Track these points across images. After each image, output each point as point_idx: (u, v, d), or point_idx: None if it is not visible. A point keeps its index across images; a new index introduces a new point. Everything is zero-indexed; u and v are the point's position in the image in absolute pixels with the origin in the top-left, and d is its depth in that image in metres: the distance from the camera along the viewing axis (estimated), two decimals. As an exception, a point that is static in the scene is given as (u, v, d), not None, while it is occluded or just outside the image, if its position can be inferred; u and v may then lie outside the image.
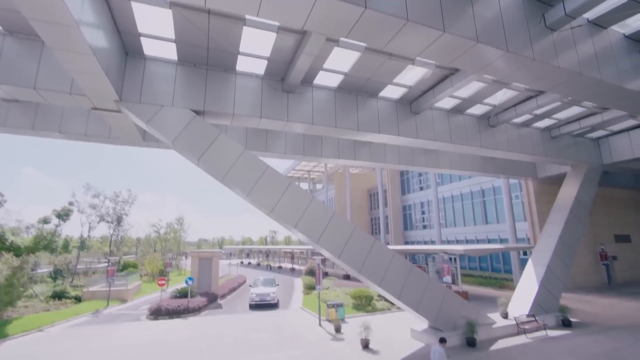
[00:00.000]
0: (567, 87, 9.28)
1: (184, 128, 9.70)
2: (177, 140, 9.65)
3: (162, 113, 9.66)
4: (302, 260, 52.78)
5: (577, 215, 16.94)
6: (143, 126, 10.01)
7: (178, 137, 9.65)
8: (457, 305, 12.49)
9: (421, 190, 39.21)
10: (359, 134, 12.61)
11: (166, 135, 9.67)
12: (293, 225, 10.46)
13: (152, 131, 9.84)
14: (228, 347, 12.20)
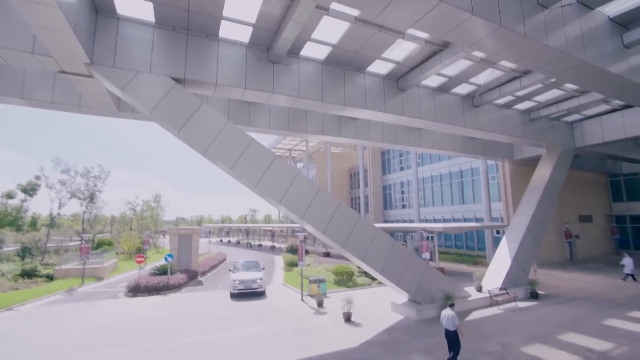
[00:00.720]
0: (553, 67, 9.36)
1: (163, 96, 9.11)
2: (156, 109, 9.07)
3: (139, 80, 8.99)
4: (283, 238, 53.06)
5: (549, 195, 17.73)
6: (118, 93, 9.33)
7: (157, 106, 9.06)
8: (436, 280, 12.96)
9: (401, 171, 39.81)
10: (345, 109, 12.36)
11: (144, 104, 9.06)
12: (278, 201, 10.29)
13: (128, 99, 9.19)
14: (211, 322, 12.18)
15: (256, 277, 16.41)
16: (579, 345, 9.33)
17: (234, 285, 15.99)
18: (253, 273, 16.94)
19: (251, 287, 16.09)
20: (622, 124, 17.59)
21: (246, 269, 17.54)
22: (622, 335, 10.05)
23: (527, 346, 9.26)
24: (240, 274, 16.83)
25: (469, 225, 21.68)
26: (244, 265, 17.97)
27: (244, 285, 16.01)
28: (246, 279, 16.24)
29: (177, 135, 9.59)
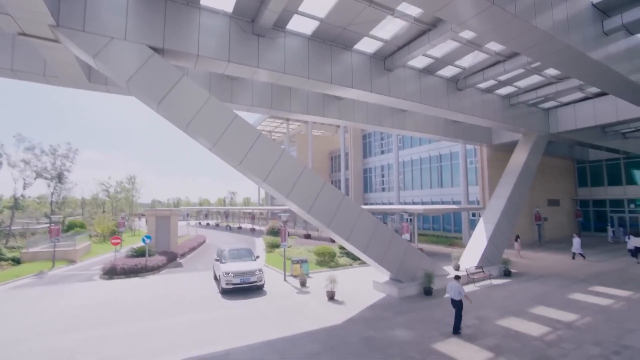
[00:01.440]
0: (539, 49, 9.47)
1: (140, 66, 8.50)
2: (132, 80, 8.46)
3: (113, 47, 8.32)
4: (263, 221, 52.84)
5: (524, 179, 18.44)
6: (89, 62, 8.62)
7: (134, 77, 8.46)
8: (417, 259, 13.31)
9: (382, 154, 40.16)
10: (331, 87, 12.10)
11: (119, 74, 8.42)
12: (262, 179, 10.05)
13: (101, 68, 8.52)
14: (193, 303, 12.01)
15: (254, 268, 13.34)
16: (547, 317, 9.92)
17: (227, 280, 12.75)
18: (248, 263, 13.92)
19: (249, 280, 12.95)
20: (593, 112, 18.35)
21: (237, 258, 14.36)
22: (585, 307, 10.78)
23: (502, 319, 9.75)
24: (233, 264, 13.58)
25: (447, 207, 22.35)
26: (233, 254, 14.70)
27: (240, 278, 12.84)
28: (242, 270, 13.09)
29: (156, 109, 9.06)
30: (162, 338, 8.78)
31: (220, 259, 14.27)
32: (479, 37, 11.88)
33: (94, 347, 8.19)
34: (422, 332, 8.89)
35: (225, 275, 12.90)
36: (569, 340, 8.20)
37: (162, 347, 8.17)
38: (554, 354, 7.50)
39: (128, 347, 8.23)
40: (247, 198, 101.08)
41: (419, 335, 8.64)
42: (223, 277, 12.93)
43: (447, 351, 7.67)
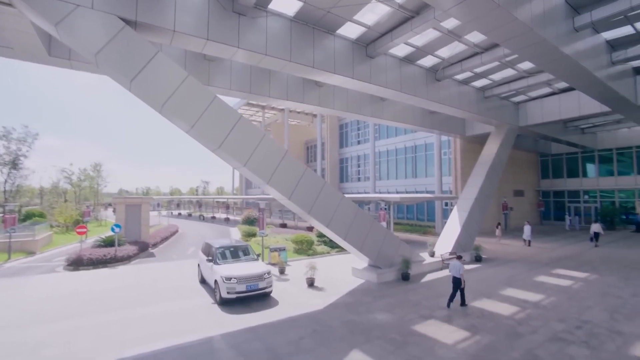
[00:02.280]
0: (517, 41, 9.73)
1: (110, 39, 7.84)
2: (102, 54, 7.80)
3: (78, 15, 7.61)
4: (237, 210, 51.94)
5: (495, 170, 19.24)
6: (50, 31, 7.85)
7: (103, 50, 7.80)
8: (395, 245, 13.58)
9: (359, 144, 40.48)
10: (313, 71, 11.87)
11: (86, 46, 7.73)
12: (243, 164, 9.74)
13: (64, 38, 7.77)
14: (166, 292, 11.59)
15: (262, 271, 10.44)
16: (516, 298, 10.50)
17: (229, 287, 9.81)
18: (252, 264, 11.01)
19: (257, 287, 10.14)
20: (558, 107, 19.37)
21: (235, 257, 11.46)
22: (549, 288, 11.51)
23: (476, 301, 10.18)
24: (233, 266, 10.68)
25: (422, 196, 22.95)
26: (229, 251, 11.61)
27: (246, 285, 9.96)
28: (248, 274, 10.14)
29: (129, 87, 8.45)
30: (137, 328, 8.40)
31: (212, 259, 11.14)
32: (459, 28, 12.05)
33: (62, 340, 7.69)
34: (401, 315, 9.10)
35: (226, 281, 9.85)
36: (536, 319, 8.71)
37: (138, 337, 7.81)
38: (524, 331, 7.94)
39: (99, 338, 7.79)
40: (221, 187, 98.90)
41: (398, 318, 8.84)
42: (223, 284, 9.84)
43: (427, 332, 7.90)
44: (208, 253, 11.91)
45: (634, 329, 8.03)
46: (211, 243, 12.30)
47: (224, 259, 11.28)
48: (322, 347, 7.20)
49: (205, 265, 11.88)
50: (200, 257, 12.83)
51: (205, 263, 11.69)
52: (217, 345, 7.35)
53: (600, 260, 16.24)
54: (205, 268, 11.85)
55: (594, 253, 18.09)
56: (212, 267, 10.95)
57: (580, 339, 7.48)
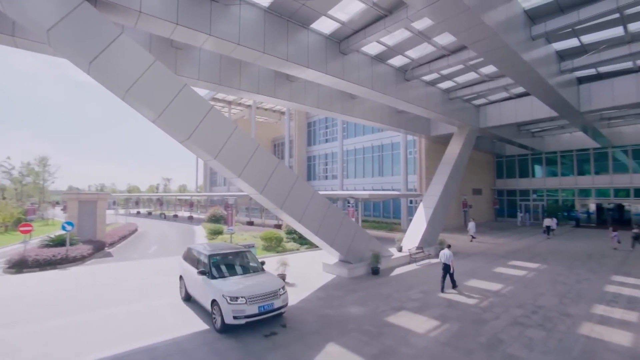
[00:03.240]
0: (482, 44, 10.26)
1: (67, 14, 7.13)
2: (55, 30, 7.08)
3: (29, -14, 6.85)
4: (202, 208, 50.09)
5: (458, 168, 20.21)
6: (-6, 2, 6.99)
7: (57, 26, 7.08)
8: (366, 240, 13.81)
9: (327, 142, 40.74)
10: (287, 64, 11.70)
11: (36, 20, 6.97)
12: (213, 156, 9.36)
13: (9, 10, 6.95)
14: (125, 293, 10.84)
15: (276, 287, 8.12)
16: (479, 287, 11.11)
17: (237, 310, 7.37)
18: (259, 277, 8.65)
19: (273, 307, 7.82)
20: (514, 110, 20.81)
21: (234, 268, 9.01)
22: (507, 278, 12.32)
23: (443, 292, 10.62)
24: (236, 280, 8.30)
25: (390, 193, 23.60)
26: (222, 262, 9.01)
27: (258, 305, 7.58)
28: (260, 292, 7.78)
29: (87, 70, 7.76)
30: (101, 328, 7.76)
31: (205, 270, 8.49)
32: (429, 29, 12.49)
33: (4, 350, 6.89)
34: (374, 307, 9.26)
35: (232, 302, 7.39)
36: (498, 306, 9.28)
37: (99, 341, 7.21)
38: (488, 317, 8.42)
39: (50, 345, 7.08)
40: (183, 185, 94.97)
41: (371, 311, 8.98)
42: (227, 307, 7.36)
43: (400, 323, 8.10)
44: (196, 262, 9.23)
45: (579, 311, 8.83)
46: (199, 249, 9.70)
47: (222, 271, 8.72)
48: (297, 342, 7.11)
49: (192, 279, 9.05)
50: (183, 266, 10.04)
51: (194, 276, 8.85)
52: (188, 345, 7.00)
53: (548, 252, 17.70)
54: (194, 283, 9.00)
55: (543, 246, 19.67)
56: (205, 282, 8.29)
57: (536, 322, 8.07)
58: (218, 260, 9.00)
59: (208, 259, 8.79)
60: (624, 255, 16.78)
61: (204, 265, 8.75)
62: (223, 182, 57.05)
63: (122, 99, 8.30)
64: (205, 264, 8.75)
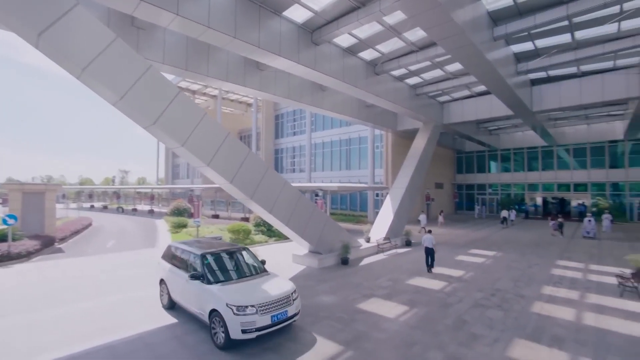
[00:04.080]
0: (450, 42, 10.68)
1: (11, -21, 6.37)
2: (-3, -4, 6.30)
3: (-35, -57, 6.01)
4: (164, 202, 47.78)
5: (423, 162, 21.01)
6: None
7: (0, -9, 6.30)
8: (335, 231, 13.96)
9: (294, 135, 40.50)
10: (258, 51, 11.38)
11: (-26, -16, 6.16)
12: (181, 143, 8.91)
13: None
14: (79, 290, 10.09)
15: (288, 290, 6.95)
16: (443, 274, 11.70)
17: (246, 322, 6.12)
18: (265, 280, 7.38)
19: (287, 315, 6.65)
20: (475, 108, 21.97)
21: (234, 270, 7.68)
22: (468, 265, 13.09)
23: (410, 279, 11.06)
24: (241, 286, 6.92)
25: (358, 185, 24.04)
26: (218, 263, 7.63)
27: (270, 315, 6.39)
28: (272, 298, 6.57)
29: (36, 43, 7.00)
30: (47, 331, 7.13)
31: (200, 274, 7.08)
32: (400, 24, 12.72)
33: (-61, 352, 6.14)
34: (345, 296, 9.40)
35: (240, 312, 6.14)
36: (461, 290, 9.83)
37: (51, 340, 6.64)
38: (453, 300, 8.90)
39: (-4, 345, 6.42)
40: (142, 178, 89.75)
41: (343, 299, 9.11)
42: (234, 318, 6.10)
43: (371, 309, 8.31)
44: (184, 264, 7.82)
45: (531, 292, 9.62)
46: (185, 247, 8.17)
47: (220, 274, 7.29)
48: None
49: (180, 284, 7.63)
50: (164, 268, 8.53)
51: (182, 281, 7.43)
52: (154, 339, 6.66)
53: (503, 241, 19.05)
54: (183, 289, 7.53)
55: (498, 236, 21.12)
56: (200, 288, 6.91)
57: (495, 304, 8.67)
58: (213, 261, 7.56)
59: (201, 260, 7.34)
60: (565, 242, 18.49)
61: (196, 268, 7.32)
62: (186, 175, 54.83)
63: (78, 78, 7.63)
64: (197, 266, 7.33)
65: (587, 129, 31.48)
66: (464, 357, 5.92)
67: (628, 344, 6.47)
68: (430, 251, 12.14)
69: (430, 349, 6.25)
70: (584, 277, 11.38)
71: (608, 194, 30.67)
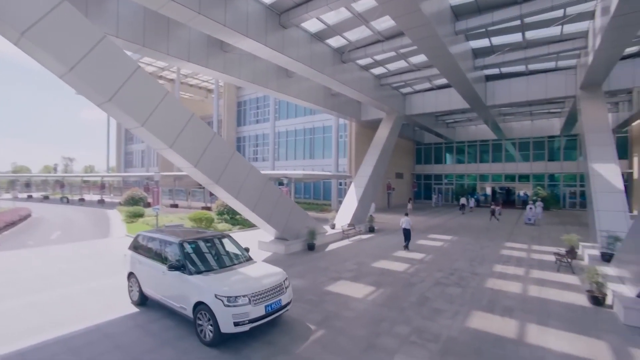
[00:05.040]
0: (417, 32, 10.95)
1: None
2: None
3: None
4: (116, 191, 44.53)
5: (386, 152, 21.64)
6: None
7: None
8: (301, 217, 13.99)
9: (257, 124, 39.67)
10: (224, 30, 10.86)
11: None
12: (140, 123, 8.31)
13: None
14: (30, 282, 9.19)
15: (279, 279, 6.52)
16: (406, 257, 12.26)
17: (239, 314, 5.60)
18: (254, 268, 6.94)
19: (280, 305, 6.24)
20: (435, 101, 22.96)
21: (217, 258, 7.12)
22: (428, 249, 13.84)
23: (375, 262, 11.45)
24: (227, 275, 6.37)
25: (323, 173, 24.23)
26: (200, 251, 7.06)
27: (264, 305, 5.92)
28: (264, 286, 6.09)
29: (-37, 0, 6.07)
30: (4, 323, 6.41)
31: (179, 264, 6.41)
32: (368, 13, 12.81)
33: None
34: (313, 279, 9.51)
35: (231, 303, 5.63)
36: (422, 271, 10.38)
37: None
38: (416, 280, 9.38)
39: None
40: (90, 166, 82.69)
41: (311, 282, 9.21)
42: (225, 310, 5.59)
43: (339, 291, 8.50)
44: (159, 254, 7.07)
45: (484, 270, 10.43)
46: (159, 235, 7.44)
47: (203, 264, 6.69)
48: (240, 315, 6.91)
49: (155, 277, 6.93)
50: (132, 259, 7.72)
51: (158, 273, 6.76)
52: (114, 330, 6.26)
53: (459, 226, 20.37)
54: (159, 281, 6.81)
55: (454, 222, 22.52)
56: (181, 280, 6.29)
57: (454, 281, 9.29)
58: (194, 249, 6.94)
59: (180, 249, 6.63)
60: (511, 227, 20.23)
61: (176, 258, 6.62)
62: (140, 163, 51.53)
63: (16, 44, 6.76)
64: (177, 256, 6.62)
65: (531, 124, 34.38)
66: (428, 329, 6.29)
67: (565, 310, 7.29)
68: (407, 232, 13.68)
69: (397, 324, 6.55)
70: (528, 256, 12.57)
71: (546, 185, 33.93)
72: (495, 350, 5.55)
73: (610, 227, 11.76)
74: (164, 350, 5.56)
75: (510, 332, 6.20)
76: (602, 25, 11.38)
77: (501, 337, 6.01)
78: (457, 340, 5.91)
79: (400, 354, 5.41)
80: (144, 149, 50.79)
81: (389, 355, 5.39)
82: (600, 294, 7.61)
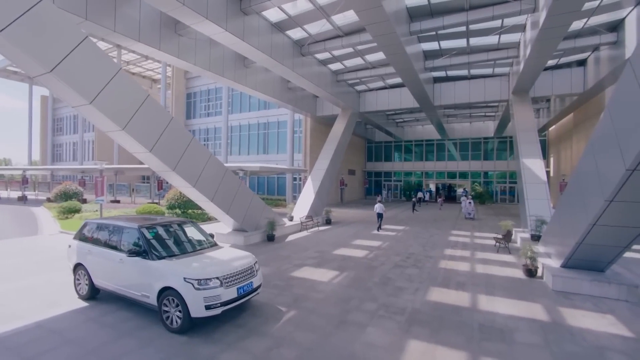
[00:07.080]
0: (376, 28, 11.41)
1: None
2: None
3: None
4: (42, 187, 39.37)
5: (341, 146, 22.13)
6: None
7: None
8: (261, 209, 13.79)
9: (208, 117, 38.00)
10: (183, 10, 10.27)
11: None
12: (89, 100, 7.46)
13: None
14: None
15: (249, 262, 6.38)
16: (364, 245, 12.75)
17: (210, 296, 5.39)
18: (222, 252, 6.75)
19: (252, 287, 6.14)
20: (387, 99, 24.09)
21: (181, 244, 6.73)
22: (384, 237, 14.52)
23: (336, 250, 11.73)
24: (195, 259, 6.09)
25: (280, 167, 24.05)
26: (163, 236, 6.66)
27: (236, 287, 5.76)
28: (235, 268, 5.93)
29: None
30: None
31: (141, 250, 6.00)
32: (330, 6, 13.00)
33: None
34: (277, 267, 9.46)
35: (201, 286, 5.40)
36: (381, 256, 10.90)
37: None
38: (376, 264, 9.83)
39: None
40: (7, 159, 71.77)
41: (275, 269, 9.16)
42: (195, 293, 5.35)
43: (304, 276, 8.57)
44: (114, 242, 6.54)
45: (436, 254, 11.29)
46: (112, 222, 6.88)
47: (167, 249, 6.34)
48: (205, 302, 6.65)
49: (110, 266, 6.37)
50: (79, 249, 7.05)
51: (117, 262, 6.23)
52: (60, 325, 5.62)
53: (408, 218, 21.66)
54: (116, 270, 6.27)
55: (404, 215, 23.87)
56: (143, 266, 5.89)
57: (411, 264, 9.91)
58: (156, 234, 6.51)
59: (140, 234, 6.22)
60: (454, 218, 22.06)
61: (135, 243, 6.19)
62: (71, 157, 46.33)
63: None
64: (137, 241, 6.20)
65: (470, 126, 37.71)
66: (394, 304, 6.65)
67: (506, 282, 8.22)
68: (380, 215, 16.25)
69: (365, 301, 6.82)
70: (472, 241, 13.84)
71: (482, 181, 37.50)
72: (454, 317, 6.08)
73: (537, 213, 13.44)
74: (124, 341, 5.15)
75: (464, 302, 6.83)
76: (532, 37, 12.92)
77: (458, 307, 6.59)
78: (421, 311, 6.35)
79: (371, 327, 5.66)
80: (76, 140, 45.70)
81: (361, 328, 5.61)
82: (533, 267, 8.71)
